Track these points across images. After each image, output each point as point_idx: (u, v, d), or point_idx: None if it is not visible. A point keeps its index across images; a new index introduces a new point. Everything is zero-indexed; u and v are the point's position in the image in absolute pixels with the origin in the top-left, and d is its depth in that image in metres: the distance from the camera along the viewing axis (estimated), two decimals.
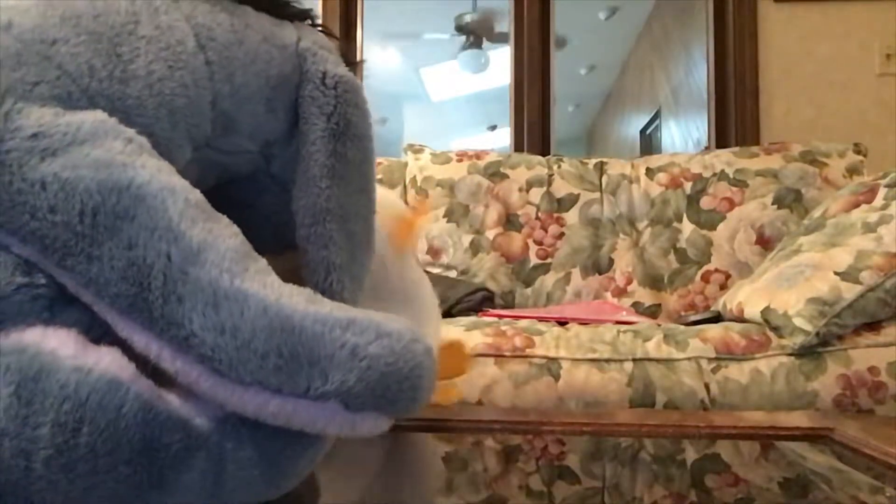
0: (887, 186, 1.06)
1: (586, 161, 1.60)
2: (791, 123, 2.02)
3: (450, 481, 0.55)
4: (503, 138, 4.29)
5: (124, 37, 0.40)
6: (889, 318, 0.92)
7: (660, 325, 1.06)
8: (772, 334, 0.95)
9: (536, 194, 1.54)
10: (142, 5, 0.42)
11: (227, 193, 0.43)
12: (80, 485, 0.30)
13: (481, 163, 1.58)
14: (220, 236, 0.35)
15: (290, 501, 0.39)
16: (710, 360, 0.92)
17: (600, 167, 1.58)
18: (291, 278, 0.38)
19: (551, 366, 0.93)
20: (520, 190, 1.55)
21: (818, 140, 1.57)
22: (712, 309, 1.26)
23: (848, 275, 0.93)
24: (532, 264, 1.50)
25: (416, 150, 1.68)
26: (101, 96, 0.38)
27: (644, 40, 4.10)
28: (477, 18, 3.89)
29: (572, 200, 1.53)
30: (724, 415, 0.81)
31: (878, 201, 1.04)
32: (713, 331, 0.97)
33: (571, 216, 1.52)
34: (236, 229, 0.37)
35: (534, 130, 2.14)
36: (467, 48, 4.09)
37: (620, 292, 1.45)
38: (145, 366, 0.33)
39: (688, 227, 1.47)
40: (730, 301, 1.13)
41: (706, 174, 1.50)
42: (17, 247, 0.33)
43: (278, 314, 0.33)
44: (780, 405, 0.88)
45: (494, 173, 1.57)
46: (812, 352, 0.90)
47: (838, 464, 0.61)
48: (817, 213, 1.20)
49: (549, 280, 1.48)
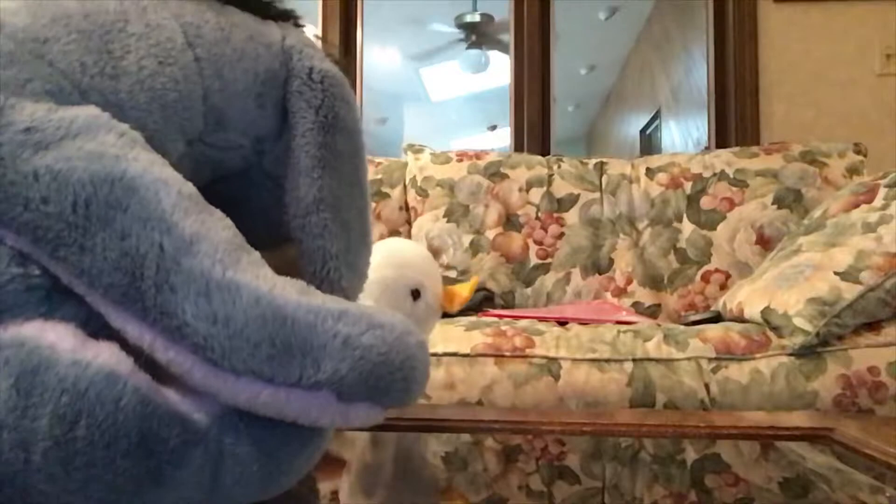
0: (887, 186, 1.06)
1: (586, 161, 1.61)
2: (791, 123, 2.02)
3: (450, 481, 0.55)
4: (503, 138, 4.30)
5: (114, 34, 0.41)
6: (889, 318, 0.92)
7: (660, 325, 1.06)
8: (772, 334, 0.95)
9: (536, 194, 1.54)
10: (130, 5, 0.42)
11: (220, 190, 0.43)
12: (78, 477, 0.30)
13: (481, 163, 1.58)
14: (212, 228, 0.35)
15: (288, 501, 0.39)
16: (710, 360, 0.92)
17: (600, 167, 1.58)
18: (287, 272, 0.38)
19: (551, 366, 0.93)
20: (520, 190, 1.55)
21: (818, 140, 1.57)
22: (712, 309, 1.26)
23: (848, 275, 0.93)
24: (532, 264, 1.50)
25: (416, 150, 1.68)
26: (93, 91, 0.39)
27: (644, 40, 4.10)
28: (478, 21, 3.89)
29: (572, 200, 1.54)
30: (724, 415, 0.81)
31: (878, 201, 1.04)
32: (713, 331, 0.97)
33: (571, 216, 1.52)
34: (229, 222, 0.37)
35: (534, 130, 2.14)
36: (468, 48, 4.09)
37: (620, 292, 1.45)
38: (143, 361, 0.33)
39: (688, 227, 1.47)
40: (730, 301, 1.13)
41: (706, 174, 1.50)
42: (10, 238, 0.34)
43: (270, 304, 0.33)
44: (780, 405, 0.88)
45: (494, 173, 1.57)
46: (812, 352, 0.90)
47: (838, 464, 0.61)
48: (817, 213, 1.20)
49: (549, 280, 1.48)
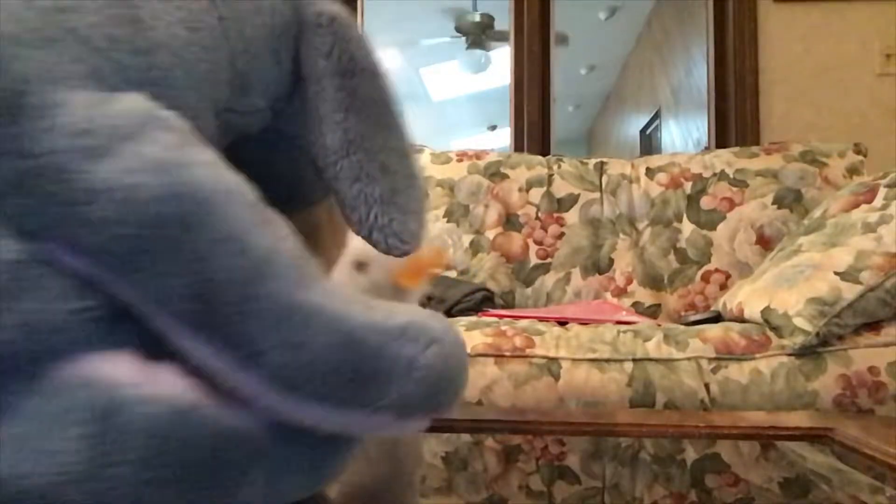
0: (887, 186, 1.06)
1: (586, 161, 1.61)
2: (791, 123, 2.02)
3: (450, 481, 0.55)
4: (503, 138, 4.30)
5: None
6: (889, 318, 0.92)
7: (660, 325, 1.06)
8: (772, 334, 0.95)
9: (536, 194, 1.54)
10: None
11: (235, 154, 0.39)
12: None
13: (481, 163, 1.58)
14: (280, 240, 0.33)
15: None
16: (710, 360, 0.92)
17: (600, 167, 1.58)
18: (311, 237, 0.36)
19: (551, 366, 0.93)
20: (520, 190, 1.55)
21: (818, 140, 1.57)
22: (712, 309, 1.26)
23: (848, 275, 0.93)
24: (532, 264, 1.50)
25: (416, 150, 1.68)
26: (130, 70, 0.34)
27: (644, 40, 4.10)
28: (478, 21, 3.89)
29: (572, 200, 1.53)
30: (724, 415, 0.81)
31: (878, 201, 1.04)
32: (713, 331, 0.97)
33: (571, 216, 1.52)
34: (288, 227, 0.35)
35: (534, 130, 2.14)
36: (468, 48, 4.09)
37: (620, 292, 1.45)
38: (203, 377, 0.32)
39: (688, 227, 1.47)
40: (730, 301, 1.13)
41: (706, 174, 1.50)
42: (69, 259, 0.30)
43: (342, 329, 0.32)
44: (780, 405, 0.88)
45: (494, 173, 1.57)
46: (812, 352, 0.90)
47: (838, 464, 0.61)
48: (817, 213, 1.20)
49: (549, 280, 1.48)
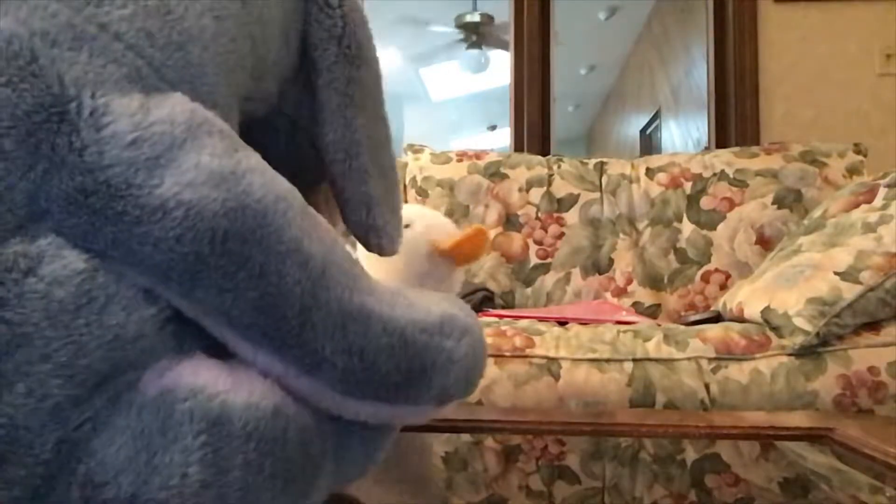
0: (887, 186, 1.06)
1: (586, 161, 1.60)
2: (791, 123, 2.02)
3: (450, 481, 0.55)
4: (503, 138, 4.29)
5: None
6: (889, 318, 0.92)
7: (660, 325, 1.06)
8: (772, 334, 0.95)
9: (536, 194, 1.54)
10: None
11: (242, 138, 0.39)
12: None
13: (481, 163, 1.58)
14: (331, 245, 0.34)
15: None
16: (710, 360, 0.92)
17: (600, 167, 1.58)
18: (319, 211, 0.37)
19: (551, 366, 0.93)
20: (520, 190, 1.55)
21: (818, 140, 1.57)
22: (712, 309, 1.26)
23: (848, 275, 0.93)
24: (532, 264, 1.50)
25: (416, 150, 1.68)
26: (166, 68, 0.33)
27: (644, 40, 4.10)
28: (478, 21, 3.89)
29: (572, 200, 1.53)
30: (724, 415, 0.81)
31: (878, 201, 1.04)
32: (713, 331, 0.97)
33: (571, 216, 1.52)
34: (330, 226, 0.36)
35: (534, 130, 2.14)
36: (468, 48, 4.09)
37: (620, 292, 1.45)
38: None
39: (688, 227, 1.47)
40: (730, 301, 1.13)
41: (706, 174, 1.50)
42: (134, 275, 0.30)
43: (395, 330, 0.34)
44: (780, 405, 0.88)
45: (494, 173, 1.57)
46: (812, 352, 0.90)
47: (838, 464, 0.61)
48: (817, 213, 1.20)
49: (549, 280, 1.48)
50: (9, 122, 0.27)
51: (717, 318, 1.15)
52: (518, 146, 2.14)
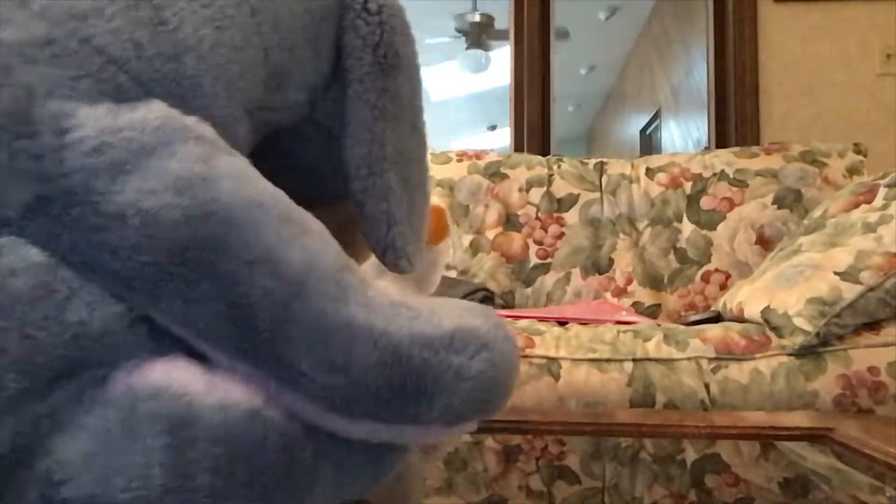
0: (887, 186, 1.06)
1: (586, 161, 1.60)
2: (791, 123, 2.02)
3: (450, 481, 0.55)
4: (503, 138, 4.29)
5: None
6: (889, 318, 0.92)
7: (660, 325, 1.06)
8: (772, 334, 0.95)
9: (536, 194, 1.54)
10: None
11: (270, 146, 0.38)
12: None
13: (481, 163, 1.58)
14: (316, 254, 0.32)
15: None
16: (710, 360, 0.92)
17: (600, 167, 1.58)
18: (342, 232, 0.36)
19: (551, 366, 0.93)
20: (520, 190, 1.55)
21: (818, 140, 1.57)
22: (712, 309, 1.26)
23: (848, 275, 0.93)
24: (532, 264, 1.50)
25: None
26: (153, 82, 0.32)
27: (644, 40, 4.10)
28: (478, 21, 3.89)
29: (572, 200, 1.53)
30: (724, 415, 0.81)
31: (878, 201, 1.04)
32: (713, 331, 0.97)
33: (571, 216, 1.52)
34: (327, 234, 0.34)
35: (534, 130, 2.14)
36: (468, 48, 4.09)
37: (620, 292, 1.45)
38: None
39: (688, 227, 1.47)
40: (730, 301, 1.13)
41: (706, 174, 1.50)
42: (101, 281, 0.29)
43: (387, 346, 0.31)
44: (780, 405, 0.88)
45: (494, 173, 1.57)
46: (812, 352, 0.90)
47: (838, 464, 0.61)
48: (817, 213, 1.20)
49: (549, 280, 1.48)
50: None
51: (717, 318, 1.15)
52: (518, 146, 2.14)
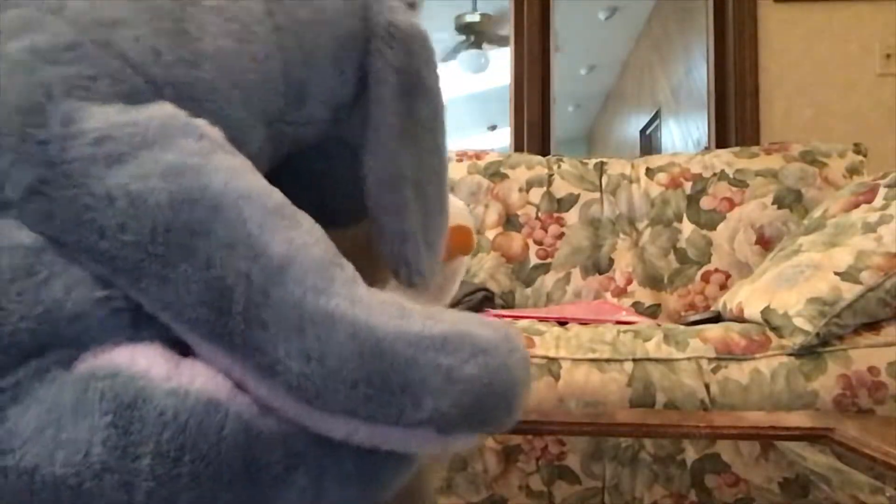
0: (887, 186, 1.06)
1: (586, 161, 1.60)
2: (791, 123, 2.02)
3: (450, 481, 0.55)
4: (503, 138, 4.29)
5: (189, 9, 0.36)
6: (889, 318, 0.92)
7: (660, 325, 1.06)
8: (772, 334, 0.95)
9: (536, 194, 1.54)
10: None
11: (294, 164, 0.39)
12: None
13: (481, 163, 1.58)
14: (302, 246, 0.32)
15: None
16: (710, 360, 0.92)
17: (600, 167, 1.58)
18: (360, 254, 0.36)
19: (551, 366, 0.93)
20: (520, 190, 1.55)
21: (818, 140, 1.57)
22: (712, 309, 1.26)
23: (848, 275, 0.93)
24: (532, 264, 1.50)
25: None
26: (168, 85, 0.34)
27: (644, 40, 4.10)
28: (478, 21, 3.89)
29: (572, 200, 1.53)
30: (724, 415, 0.81)
31: (878, 201, 1.04)
32: (713, 331, 0.97)
33: (571, 216, 1.52)
34: (319, 233, 0.34)
35: (534, 130, 2.14)
36: (468, 48, 4.09)
37: (620, 292, 1.45)
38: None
39: (688, 227, 1.47)
40: (730, 301, 1.13)
41: (706, 174, 1.50)
42: (87, 264, 0.30)
43: (368, 338, 0.30)
44: (780, 405, 0.88)
45: (494, 173, 1.57)
46: (812, 352, 0.90)
47: (838, 464, 0.61)
48: (817, 213, 1.20)
49: (549, 280, 1.48)
50: None
51: (717, 318, 1.15)
52: (518, 146, 2.14)
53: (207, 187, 0.31)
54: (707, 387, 0.90)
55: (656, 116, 3.96)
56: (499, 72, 3.86)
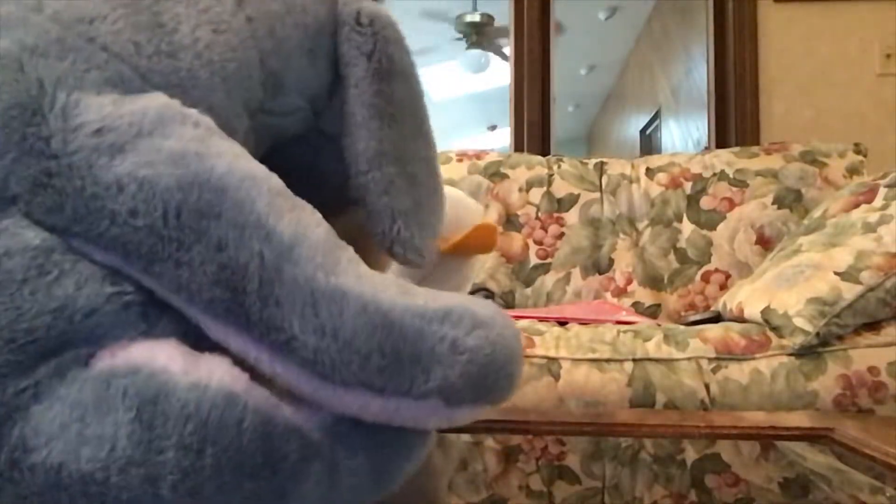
0: (887, 186, 1.06)
1: (586, 161, 1.61)
2: (791, 123, 2.02)
3: (450, 481, 0.55)
4: (503, 138, 4.29)
5: (162, 4, 0.37)
6: (889, 318, 0.92)
7: (660, 325, 1.06)
8: (772, 334, 0.95)
9: (536, 194, 1.54)
10: None
11: (278, 157, 0.40)
12: None
13: (481, 163, 1.58)
14: (308, 227, 0.33)
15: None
16: (710, 360, 0.92)
17: (600, 167, 1.58)
18: (355, 238, 0.36)
19: (551, 366, 0.93)
20: (520, 190, 1.55)
21: (818, 140, 1.57)
22: (712, 309, 1.26)
23: (848, 275, 0.93)
24: (532, 264, 1.50)
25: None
26: (153, 73, 0.35)
27: (644, 40, 4.10)
28: (478, 21, 3.89)
29: (572, 200, 1.53)
30: (724, 415, 0.81)
31: (878, 201, 1.04)
32: (713, 331, 0.97)
33: (571, 216, 1.52)
34: (319, 216, 0.35)
35: (534, 130, 2.14)
36: (468, 48, 4.09)
37: (620, 292, 1.45)
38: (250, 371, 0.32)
39: (688, 227, 1.47)
40: (730, 301, 1.13)
41: (706, 174, 1.50)
42: (98, 255, 0.31)
43: (377, 311, 0.31)
44: (780, 405, 0.88)
45: (494, 173, 1.57)
46: (812, 352, 0.90)
47: (838, 464, 0.61)
48: (817, 213, 1.20)
49: (549, 280, 1.48)
50: None
51: (717, 318, 1.15)
52: (518, 146, 2.14)
53: (213, 170, 0.31)
54: (707, 387, 0.90)
55: (656, 116, 3.96)
56: (499, 72, 3.86)
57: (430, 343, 0.32)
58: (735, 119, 2.05)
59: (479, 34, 3.98)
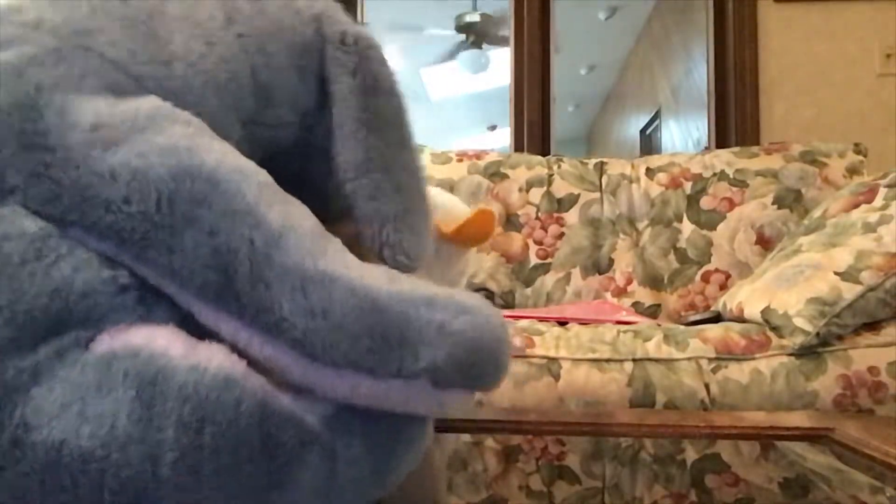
0: (887, 186, 1.06)
1: (586, 161, 1.61)
2: (791, 123, 2.02)
3: (450, 481, 0.55)
4: (503, 138, 4.29)
5: (157, 18, 0.40)
6: (889, 318, 0.92)
7: (660, 325, 1.06)
8: (772, 334, 0.95)
9: (536, 194, 1.54)
10: None
11: (272, 169, 0.41)
12: (207, 486, 0.30)
13: (481, 163, 1.58)
14: (296, 217, 0.34)
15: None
16: (710, 360, 0.92)
17: (600, 167, 1.58)
18: (350, 245, 0.37)
19: (551, 366, 0.93)
20: (520, 190, 1.55)
21: (818, 140, 1.57)
22: (712, 309, 1.26)
23: (848, 275, 0.93)
24: (532, 264, 1.50)
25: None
26: (148, 79, 0.37)
27: (644, 40, 4.10)
28: (478, 21, 3.89)
29: (572, 200, 1.53)
30: (724, 415, 0.81)
31: (878, 201, 1.04)
32: (713, 331, 0.97)
33: (571, 216, 1.52)
34: (308, 210, 0.36)
35: (534, 130, 2.14)
36: (467, 48, 4.09)
37: (620, 292, 1.45)
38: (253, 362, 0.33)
39: (688, 227, 1.47)
40: (730, 301, 1.13)
41: (706, 174, 1.50)
42: (94, 243, 0.32)
43: (366, 295, 0.32)
44: (780, 405, 0.88)
45: (494, 173, 1.57)
46: (812, 352, 0.90)
47: (838, 464, 0.61)
48: (817, 213, 1.20)
49: (549, 280, 1.48)
50: None
51: (717, 318, 1.15)
52: (518, 146, 2.14)
53: (203, 164, 0.33)
54: (707, 387, 0.90)
55: (656, 116, 3.96)
56: (499, 72, 3.86)
57: (418, 325, 0.33)
58: (735, 119, 2.05)
59: (479, 34, 3.99)
